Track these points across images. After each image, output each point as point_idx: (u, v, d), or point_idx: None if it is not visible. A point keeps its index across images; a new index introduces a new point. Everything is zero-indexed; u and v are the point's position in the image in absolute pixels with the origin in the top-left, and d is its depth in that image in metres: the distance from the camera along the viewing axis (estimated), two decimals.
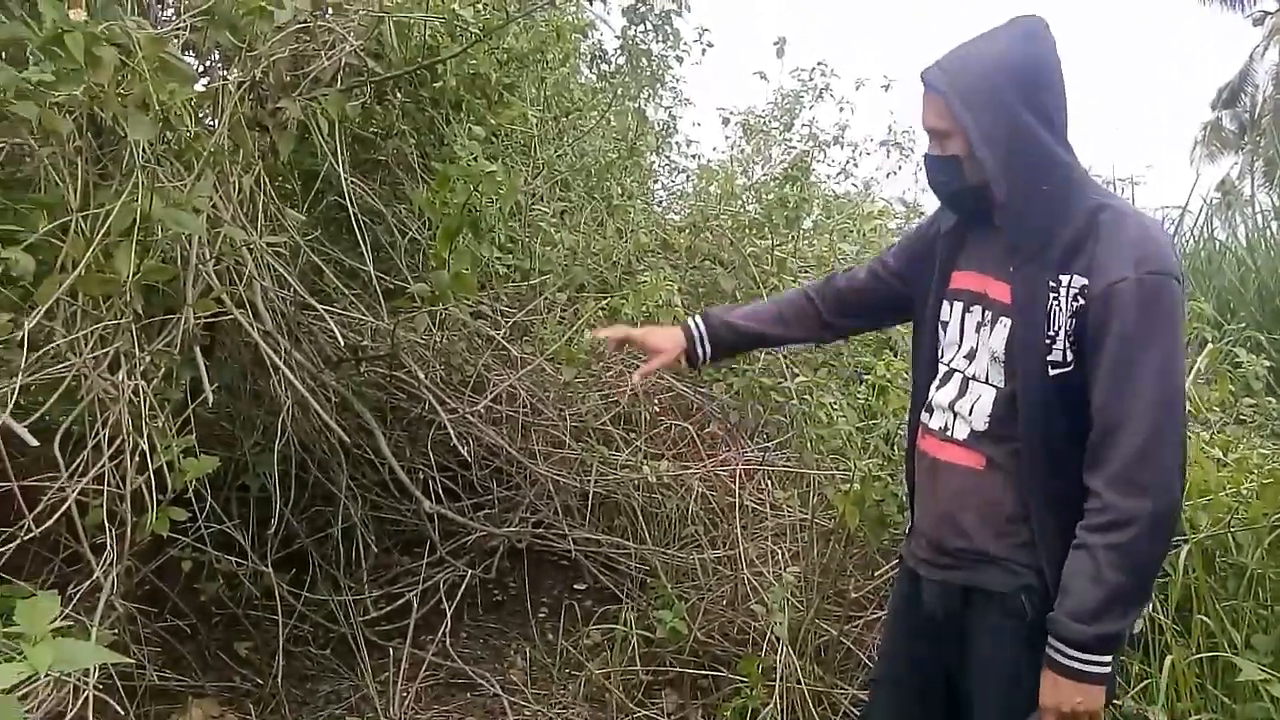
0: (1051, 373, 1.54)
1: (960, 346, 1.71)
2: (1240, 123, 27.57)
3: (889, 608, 2.00)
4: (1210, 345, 3.41)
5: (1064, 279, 1.53)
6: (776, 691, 2.59)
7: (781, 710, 2.58)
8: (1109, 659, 1.49)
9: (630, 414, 3.55)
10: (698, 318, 2.06)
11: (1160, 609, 2.42)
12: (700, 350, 2.04)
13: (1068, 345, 1.53)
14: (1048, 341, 1.54)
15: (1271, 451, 2.78)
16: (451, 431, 2.92)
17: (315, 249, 2.90)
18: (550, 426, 3.40)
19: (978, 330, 1.67)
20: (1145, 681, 2.35)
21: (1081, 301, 1.52)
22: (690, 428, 3.53)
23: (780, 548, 3.07)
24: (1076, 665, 1.49)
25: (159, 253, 2.16)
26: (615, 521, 3.47)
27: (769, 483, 3.37)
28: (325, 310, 2.73)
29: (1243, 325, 4.19)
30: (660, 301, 3.15)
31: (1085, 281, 1.51)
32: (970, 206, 1.68)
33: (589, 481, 3.29)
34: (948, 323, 1.74)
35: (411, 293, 2.78)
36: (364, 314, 3.03)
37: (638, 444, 3.40)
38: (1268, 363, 3.51)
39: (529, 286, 3.50)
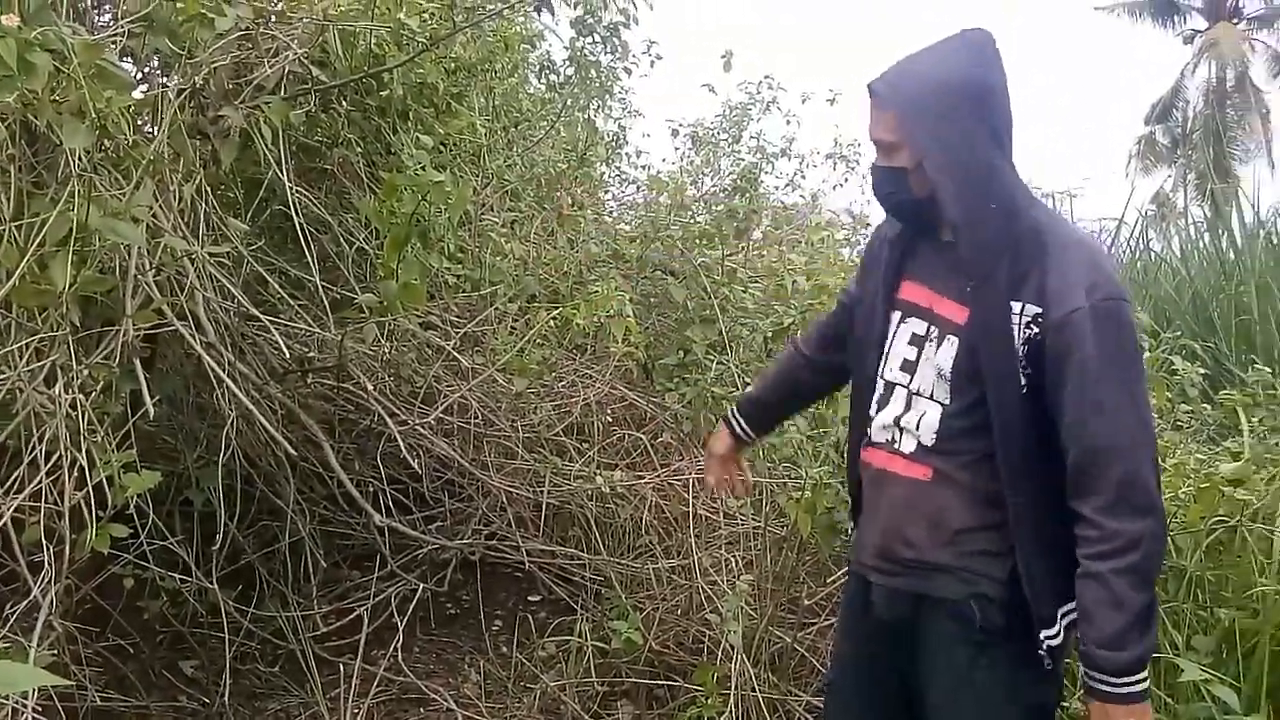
0: (1024, 391, 1.55)
1: (891, 358, 1.71)
2: (1173, 137, 28.42)
3: (840, 612, 2.01)
4: (1147, 354, 3.50)
5: (1015, 305, 1.54)
6: (731, 700, 2.59)
7: (736, 718, 2.59)
8: (1146, 674, 1.52)
9: (583, 424, 3.54)
10: (733, 408, 2.17)
11: None
12: (740, 430, 2.14)
13: (1021, 370, 1.55)
14: (1015, 361, 1.55)
15: (1208, 456, 2.85)
16: (401, 443, 2.89)
17: (259, 259, 2.86)
18: (502, 438, 3.37)
19: (914, 344, 1.68)
20: None
21: (1035, 330, 1.53)
22: (643, 437, 3.53)
23: (734, 556, 3.08)
24: (1122, 690, 1.50)
25: (96, 263, 2.10)
26: (569, 532, 3.45)
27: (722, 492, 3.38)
28: (270, 321, 2.68)
29: (1178, 334, 4.29)
30: (611, 311, 3.15)
31: (1038, 310, 1.52)
32: (912, 218, 1.69)
33: (542, 492, 3.26)
34: (891, 334, 1.73)
35: (359, 303, 2.74)
36: (310, 325, 2.98)
37: (591, 454, 3.39)
38: (1202, 370, 3.60)
39: (479, 297, 3.48)
